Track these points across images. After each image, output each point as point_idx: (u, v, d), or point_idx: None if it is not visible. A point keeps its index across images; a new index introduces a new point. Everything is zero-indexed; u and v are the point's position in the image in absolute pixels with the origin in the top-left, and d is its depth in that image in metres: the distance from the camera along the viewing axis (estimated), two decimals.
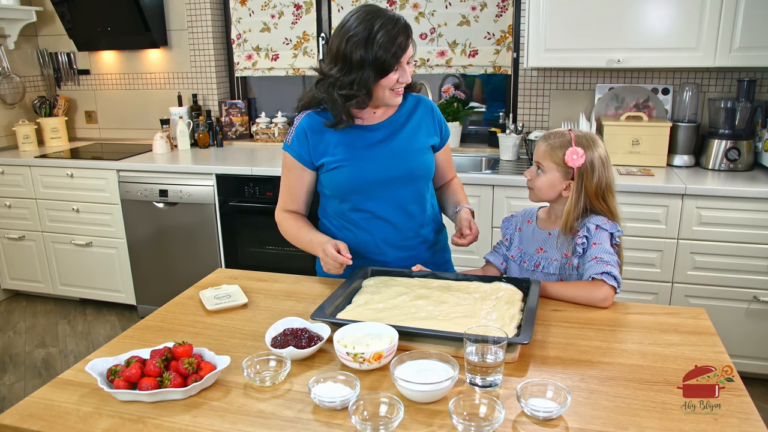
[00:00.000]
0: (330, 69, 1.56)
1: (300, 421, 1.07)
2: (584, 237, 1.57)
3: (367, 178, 1.65)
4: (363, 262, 1.71)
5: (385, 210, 1.69)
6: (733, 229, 2.44)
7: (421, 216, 1.75)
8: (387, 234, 1.71)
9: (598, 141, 1.60)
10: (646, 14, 2.59)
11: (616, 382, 1.16)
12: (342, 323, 1.30)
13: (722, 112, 2.77)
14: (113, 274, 3.41)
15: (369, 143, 1.66)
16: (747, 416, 1.05)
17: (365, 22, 1.50)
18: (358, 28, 1.50)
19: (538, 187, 1.63)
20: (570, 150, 1.56)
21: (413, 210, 1.73)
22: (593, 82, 3.07)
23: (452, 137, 3.31)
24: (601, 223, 1.57)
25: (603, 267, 1.50)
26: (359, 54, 1.49)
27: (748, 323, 2.52)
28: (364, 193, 1.67)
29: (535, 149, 1.64)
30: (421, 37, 3.30)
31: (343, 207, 1.71)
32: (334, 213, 1.75)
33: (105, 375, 1.17)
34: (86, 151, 3.61)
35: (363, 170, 1.64)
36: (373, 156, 1.65)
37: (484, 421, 1.02)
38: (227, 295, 1.59)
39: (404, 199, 1.70)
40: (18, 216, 3.52)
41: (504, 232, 1.80)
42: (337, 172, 1.65)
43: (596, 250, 1.54)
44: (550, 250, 1.64)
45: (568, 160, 1.56)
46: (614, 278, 1.49)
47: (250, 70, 3.68)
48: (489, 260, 1.80)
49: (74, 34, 3.73)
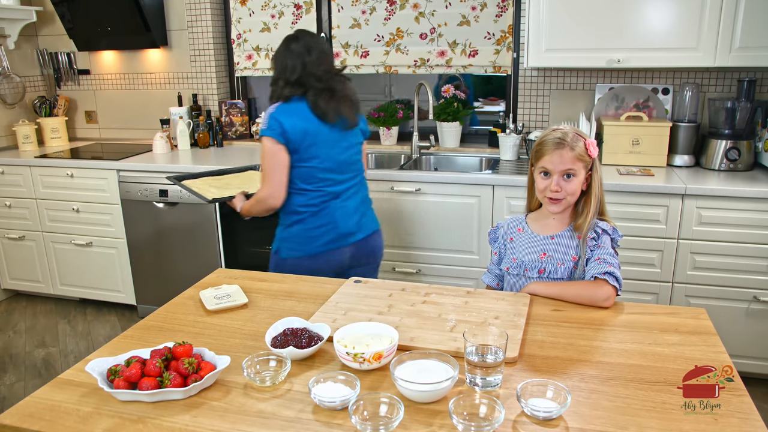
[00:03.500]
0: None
1: (300, 421, 1.07)
2: (593, 240, 1.58)
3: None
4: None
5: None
6: (733, 229, 2.44)
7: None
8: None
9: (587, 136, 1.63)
10: (646, 14, 2.59)
11: (616, 382, 1.16)
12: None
13: (722, 112, 2.77)
14: (113, 274, 3.41)
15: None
16: (747, 416, 1.05)
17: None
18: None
19: (572, 192, 1.57)
20: (588, 141, 1.57)
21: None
22: (593, 82, 3.07)
23: (452, 137, 3.31)
24: (605, 227, 1.59)
25: (606, 267, 1.50)
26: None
27: (748, 323, 2.52)
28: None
29: (551, 158, 1.57)
30: (421, 37, 3.31)
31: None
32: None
33: (105, 375, 1.17)
34: (86, 151, 3.61)
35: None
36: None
37: (484, 421, 1.02)
38: (227, 295, 1.59)
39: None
40: (18, 216, 3.52)
41: (493, 245, 1.77)
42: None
43: (599, 252, 1.56)
44: (556, 254, 1.62)
45: (591, 151, 1.56)
46: (616, 279, 1.49)
47: (250, 70, 3.68)
48: (486, 284, 1.80)
49: (74, 34, 3.73)
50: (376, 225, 2.24)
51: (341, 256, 2.11)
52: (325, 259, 2.07)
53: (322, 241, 2.06)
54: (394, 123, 3.39)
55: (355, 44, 3.43)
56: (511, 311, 1.45)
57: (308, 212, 2.06)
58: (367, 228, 2.18)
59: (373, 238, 2.21)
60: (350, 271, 2.14)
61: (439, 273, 2.86)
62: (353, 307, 1.50)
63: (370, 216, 2.23)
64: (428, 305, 1.50)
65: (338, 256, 2.10)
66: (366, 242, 2.17)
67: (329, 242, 2.07)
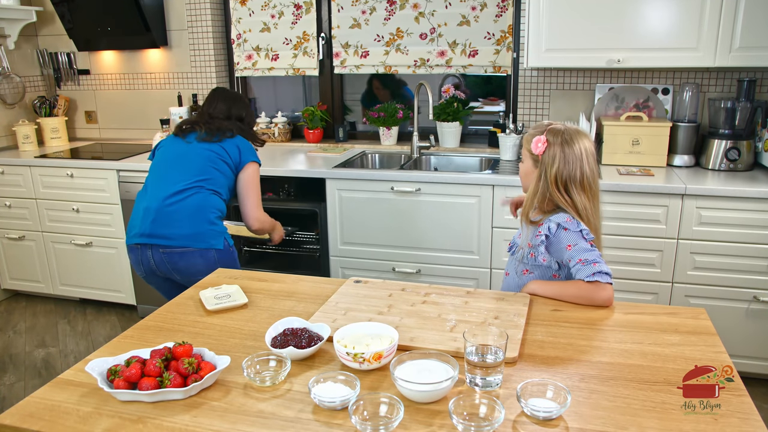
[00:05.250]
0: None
1: (300, 421, 1.07)
2: (544, 236, 1.57)
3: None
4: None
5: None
6: (733, 229, 2.44)
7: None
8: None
9: (576, 136, 1.58)
10: (646, 14, 2.60)
11: (616, 382, 1.16)
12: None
13: (722, 112, 2.77)
14: (113, 274, 3.41)
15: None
16: (747, 416, 1.05)
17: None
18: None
19: (520, 175, 1.72)
20: (535, 138, 1.60)
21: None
22: (593, 82, 3.07)
23: (452, 137, 3.32)
24: (562, 221, 1.55)
25: (591, 268, 1.49)
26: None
27: (748, 323, 2.52)
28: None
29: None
30: (421, 37, 3.31)
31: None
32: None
33: (105, 375, 1.17)
34: (86, 151, 3.61)
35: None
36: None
37: (484, 421, 1.02)
38: (227, 295, 1.59)
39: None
40: (18, 216, 3.52)
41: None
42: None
43: (576, 252, 1.53)
44: (523, 236, 1.71)
45: (532, 147, 1.61)
46: (607, 274, 1.49)
47: (250, 70, 3.68)
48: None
49: (74, 34, 3.73)
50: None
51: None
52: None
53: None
54: (394, 123, 3.40)
55: (355, 44, 3.43)
56: (511, 311, 1.45)
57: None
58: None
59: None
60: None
61: (439, 273, 2.86)
62: (353, 307, 1.50)
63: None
64: (428, 305, 1.50)
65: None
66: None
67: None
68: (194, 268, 2.21)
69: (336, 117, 3.66)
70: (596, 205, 1.62)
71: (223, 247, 2.26)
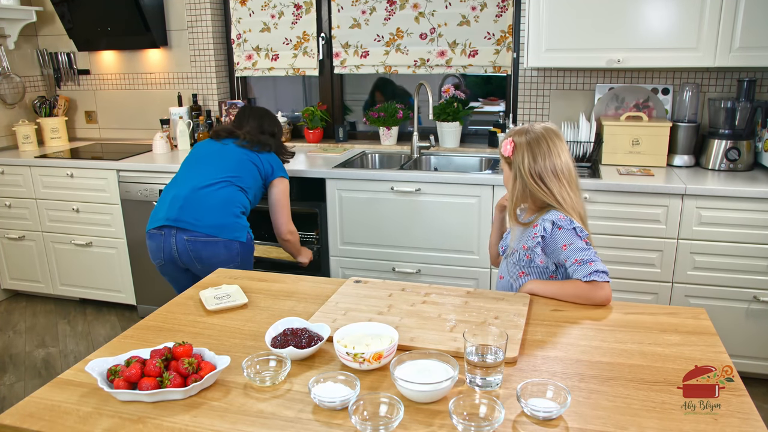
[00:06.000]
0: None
1: (300, 421, 1.07)
2: (540, 237, 1.57)
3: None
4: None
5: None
6: (733, 229, 2.44)
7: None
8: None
9: (541, 132, 1.60)
10: (646, 14, 2.59)
11: (616, 382, 1.16)
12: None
13: (722, 112, 2.77)
14: (113, 274, 3.41)
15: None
16: (747, 416, 1.05)
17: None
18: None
19: (503, 182, 1.73)
20: (504, 142, 1.64)
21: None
22: (593, 82, 3.07)
23: (452, 137, 3.32)
24: (556, 219, 1.56)
25: (588, 267, 1.50)
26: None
27: (748, 323, 2.52)
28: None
29: None
30: (421, 37, 3.31)
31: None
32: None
33: (105, 375, 1.17)
34: (86, 151, 3.61)
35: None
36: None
37: (484, 421, 1.02)
38: (227, 295, 1.59)
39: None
40: (18, 216, 3.52)
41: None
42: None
43: (571, 252, 1.54)
44: (512, 239, 1.71)
45: (502, 150, 1.64)
46: (603, 273, 1.49)
47: (250, 70, 3.68)
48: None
49: (74, 34, 3.73)
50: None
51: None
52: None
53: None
54: (394, 123, 3.40)
55: (355, 44, 3.43)
56: (511, 311, 1.45)
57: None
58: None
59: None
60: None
61: (439, 273, 2.86)
62: (353, 307, 1.50)
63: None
64: (428, 305, 1.50)
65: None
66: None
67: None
68: (216, 258, 2.27)
69: (336, 117, 3.66)
70: (576, 192, 1.63)
71: (246, 240, 2.34)
